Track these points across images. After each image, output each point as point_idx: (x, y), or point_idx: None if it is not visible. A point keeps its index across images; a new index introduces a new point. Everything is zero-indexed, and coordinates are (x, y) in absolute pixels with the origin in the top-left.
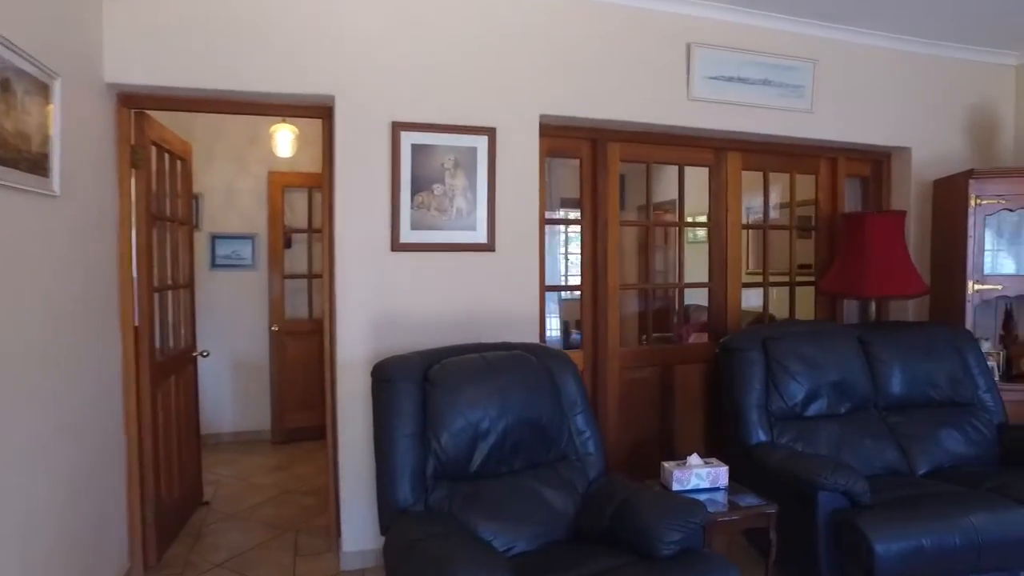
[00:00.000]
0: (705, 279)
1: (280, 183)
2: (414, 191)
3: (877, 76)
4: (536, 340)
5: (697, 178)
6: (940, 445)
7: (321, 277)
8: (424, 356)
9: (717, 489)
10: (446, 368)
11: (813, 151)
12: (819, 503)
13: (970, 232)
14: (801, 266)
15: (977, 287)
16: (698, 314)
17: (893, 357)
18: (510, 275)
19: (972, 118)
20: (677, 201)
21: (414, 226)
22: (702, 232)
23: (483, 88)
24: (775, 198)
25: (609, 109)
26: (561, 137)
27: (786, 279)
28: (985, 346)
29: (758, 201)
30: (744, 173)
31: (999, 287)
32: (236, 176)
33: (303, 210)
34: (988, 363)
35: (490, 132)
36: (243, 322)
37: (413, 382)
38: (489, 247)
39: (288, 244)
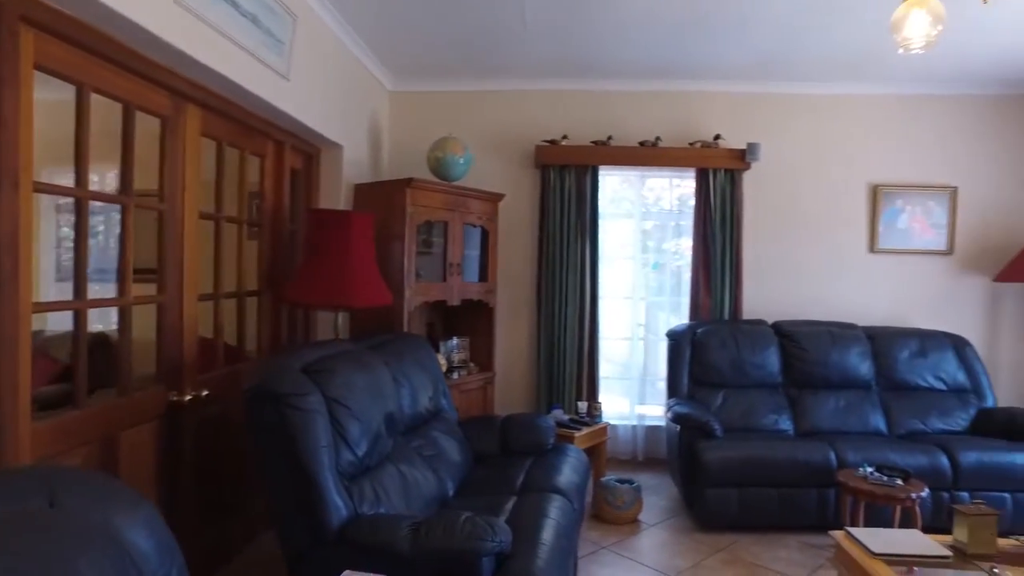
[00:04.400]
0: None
1: None
2: None
3: (327, 57)
4: None
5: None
6: (450, 459)
7: None
8: None
9: None
10: None
11: (266, 127)
12: (483, 572)
13: (407, 240)
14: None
15: (407, 293)
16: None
17: (405, 376)
18: None
19: (370, 128)
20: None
21: None
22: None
23: None
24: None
25: None
26: None
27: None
28: None
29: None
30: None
31: (424, 296)
32: None
33: None
34: None
35: None
36: None
37: None
38: None
39: None
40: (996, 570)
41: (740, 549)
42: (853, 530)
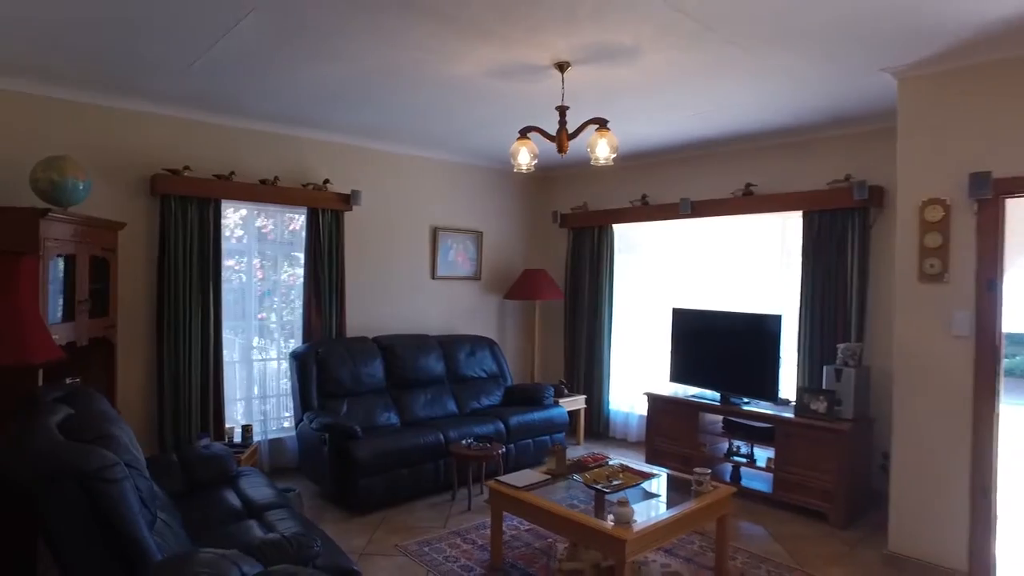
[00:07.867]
0: None
1: None
2: None
3: None
4: None
5: None
6: (165, 502)
7: None
8: None
9: None
10: None
11: None
12: None
13: (51, 277)
14: None
15: (55, 336)
16: None
17: (120, 426)
18: None
19: None
20: None
21: None
22: None
23: None
24: None
25: None
26: None
27: None
28: None
29: None
30: None
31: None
32: None
33: None
34: None
35: None
36: None
37: None
38: None
39: None
40: (575, 477)
41: (392, 520)
42: (501, 478)
